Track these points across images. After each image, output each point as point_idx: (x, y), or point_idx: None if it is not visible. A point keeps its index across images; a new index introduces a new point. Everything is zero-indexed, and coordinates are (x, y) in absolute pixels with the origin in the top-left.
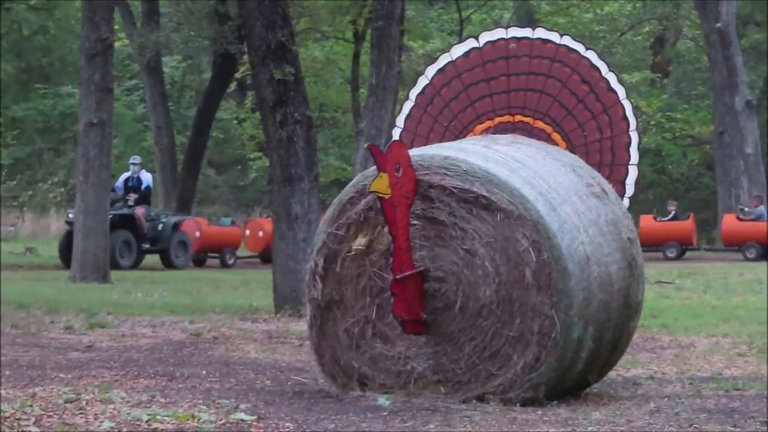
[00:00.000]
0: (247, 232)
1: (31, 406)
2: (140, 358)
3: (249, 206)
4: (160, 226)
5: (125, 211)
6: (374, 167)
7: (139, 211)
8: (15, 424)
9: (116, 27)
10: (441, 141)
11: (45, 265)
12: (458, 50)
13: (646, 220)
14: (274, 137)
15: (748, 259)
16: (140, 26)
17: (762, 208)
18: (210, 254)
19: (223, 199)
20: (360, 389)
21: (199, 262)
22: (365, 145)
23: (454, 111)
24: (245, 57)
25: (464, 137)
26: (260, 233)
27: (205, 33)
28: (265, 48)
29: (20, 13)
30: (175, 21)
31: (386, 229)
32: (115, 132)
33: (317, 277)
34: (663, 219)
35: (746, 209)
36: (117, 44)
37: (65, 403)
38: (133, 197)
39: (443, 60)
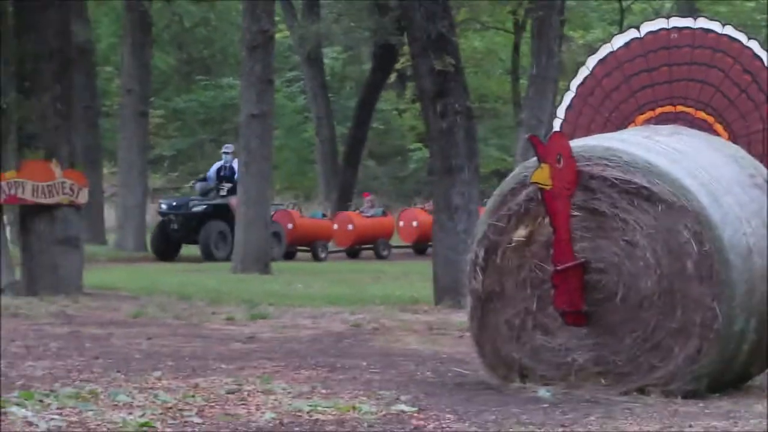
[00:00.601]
0: (335, 226)
1: (193, 396)
2: (301, 349)
3: (408, 197)
4: None
5: (220, 201)
6: (535, 158)
7: (234, 201)
8: (178, 414)
9: (277, 18)
10: (602, 132)
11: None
12: (619, 40)
13: None
14: (434, 128)
15: None
16: (301, 17)
17: None
18: (300, 248)
19: (383, 190)
20: (520, 381)
21: (288, 255)
22: (526, 136)
23: (615, 102)
24: (405, 48)
25: (625, 128)
26: (349, 227)
27: (365, 24)
28: (425, 39)
29: (182, 5)
30: (336, 12)
31: (547, 220)
32: (276, 123)
33: (478, 269)
34: None
35: None
36: (278, 36)
37: (227, 393)
38: (226, 186)
39: (604, 50)
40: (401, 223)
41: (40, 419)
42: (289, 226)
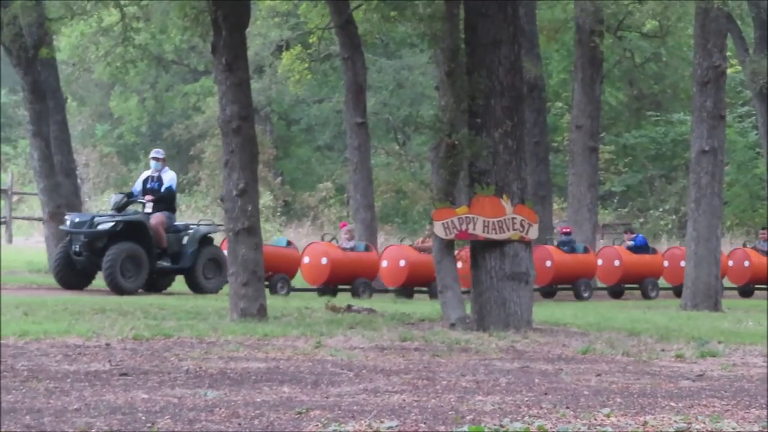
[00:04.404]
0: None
1: None
2: (751, 387)
3: None
4: (184, 239)
5: (134, 217)
6: None
7: (157, 219)
8: None
9: (728, 53)
10: None
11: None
12: None
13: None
14: None
15: None
16: (753, 52)
17: None
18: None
19: None
20: None
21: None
22: None
23: None
24: None
25: None
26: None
27: None
28: None
29: (633, 41)
30: None
31: None
32: (726, 159)
33: None
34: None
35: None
36: (729, 71)
37: None
38: (148, 200)
39: None
40: (730, 263)
41: None
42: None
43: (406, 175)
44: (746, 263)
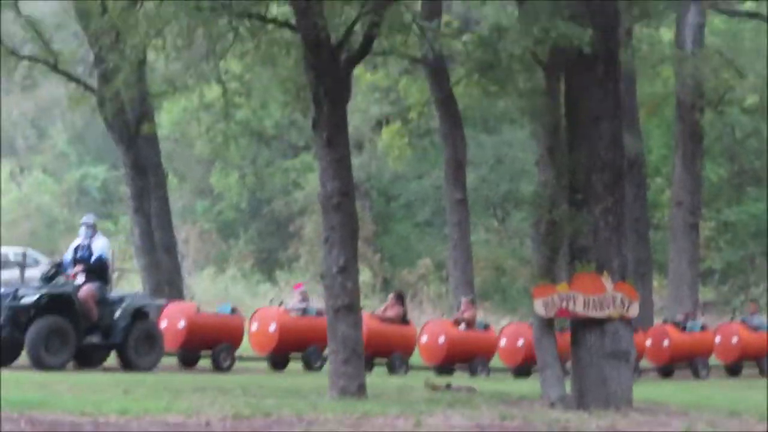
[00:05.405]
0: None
1: None
2: None
3: None
4: (116, 313)
5: (60, 290)
6: None
7: (87, 291)
8: None
9: None
10: None
11: None
12: None
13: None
14: None
15: None
16: None
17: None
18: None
19: None
20: None
21: (188, 361)
22: None
23: None
24: None
25: None
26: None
27: None
28: None
29: (734, 116)
30: None
31: None
32: None
33: None
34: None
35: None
36: None
37: None
38: (77, 271)
39: None
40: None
41: None
42: (181, 324)
43: (506, 251)
44: (734, 339)
